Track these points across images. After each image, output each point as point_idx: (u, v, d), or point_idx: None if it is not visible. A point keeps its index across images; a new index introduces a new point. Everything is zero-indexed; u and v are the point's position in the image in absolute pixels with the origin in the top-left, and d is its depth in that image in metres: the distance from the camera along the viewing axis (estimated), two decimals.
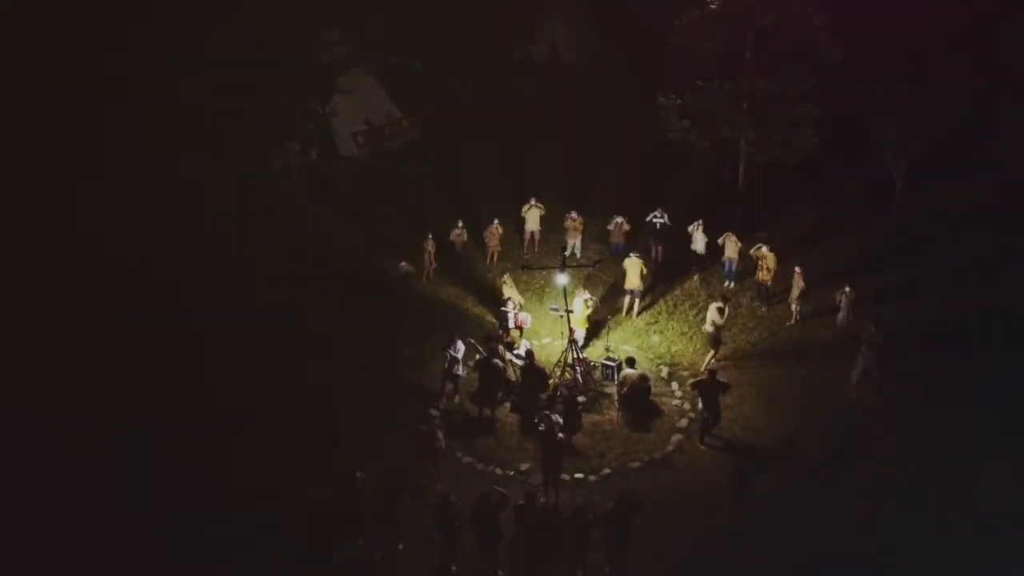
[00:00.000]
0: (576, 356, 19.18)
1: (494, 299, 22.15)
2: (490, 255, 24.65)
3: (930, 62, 24.39)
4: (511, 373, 18.85)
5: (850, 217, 25.61)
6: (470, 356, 18.99)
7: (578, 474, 16.83)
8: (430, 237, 23.79)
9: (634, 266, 21.70)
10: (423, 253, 23.72)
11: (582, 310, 20.26)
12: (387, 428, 17.76)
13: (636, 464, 17.20)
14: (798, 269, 21.20)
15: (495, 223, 24.46)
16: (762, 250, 21.96)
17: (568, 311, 18.95)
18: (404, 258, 23.74)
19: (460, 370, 18.85)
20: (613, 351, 20.04)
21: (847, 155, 26.93)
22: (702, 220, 23.55)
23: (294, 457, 16.78)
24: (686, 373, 19.93)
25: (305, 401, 18.44)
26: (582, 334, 20.29)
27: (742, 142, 26.63)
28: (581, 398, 18.40)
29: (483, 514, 14.20)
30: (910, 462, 16.65)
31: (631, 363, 18.61)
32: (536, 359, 18.80)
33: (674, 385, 19.56)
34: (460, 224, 24.69)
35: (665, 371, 20.13)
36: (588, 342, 20.74)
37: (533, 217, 24.75)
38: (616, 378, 18.94)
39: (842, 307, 20.52)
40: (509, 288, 21.24)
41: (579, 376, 19.05)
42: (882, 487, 16.18)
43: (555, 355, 19.82)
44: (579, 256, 24.36)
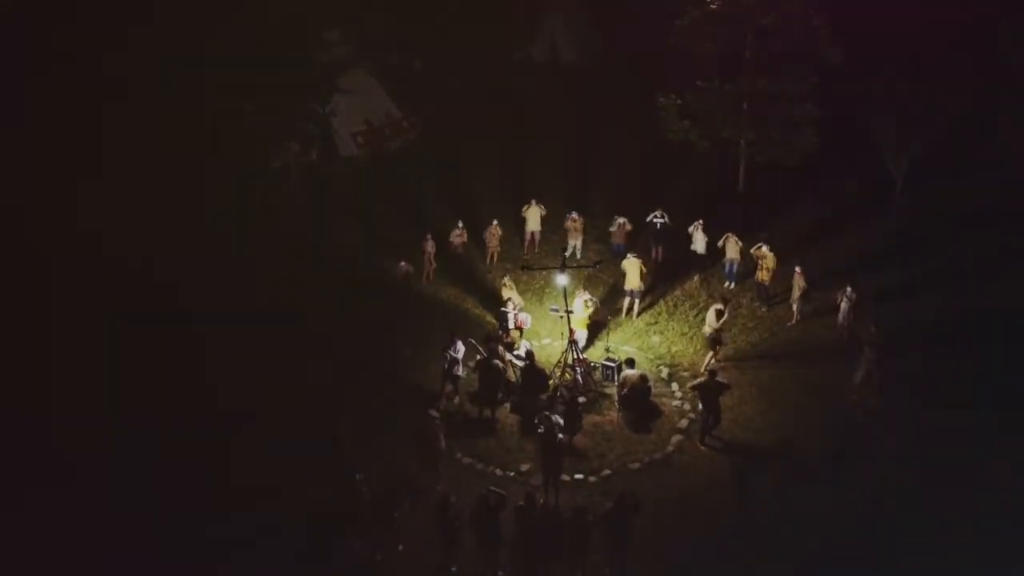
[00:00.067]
0: (576, 357, 19.18)
1: (494, 300, 22.14)
2: (490, 255, 24.64)
3: (930, 62, 24.41)
4: (511, 374, 18.85)
5: (850, 217, 25.61)
6: (470, 357, 18.99)
7: (578, 475, 16.81)
8: (430, 237, 23.80)
9: (633, 267, 21.69)
10: (423, 253, 23.74)
11: (582, 311, 20.25)
12: (387, 428, 17.77)
13: (636, 465, 17.19)
14: (798, 269, 21.20)
15: (494, 223, 24.48)
16: (762, 250, 21.96)
17: (568, 312, 18.94)
18: (404, 258, 23.72)
19: (460, 371, 18.84)
20: (613, 352, 20.02)
21: (847, 155, 26.92)
22: (702, 220, 23.57)
23: (294, 457, 16.75)
24: (686, 374, 19.92)
25: (305, 401, 18.44)
26: (583, 335, 20.28)
27: (742, 142, 26.64)
28: (581, 399, 18.40)
29: (483, 515, 14.20)
30: (910, 462, 16.63)
31: (631, 364, 18.59)
32: (536, 360, 18.78)
33: (674, 386, 19.55)
34: (460, 224, 24.70)
35: (665, 372, 20.12)
36: (589, 343, 20.72)
37: (534, 217, 24.74)
38: (616, 379, 18.93)
39: (843, 307, 20.52)
40: (509, 290, 21.24)
41: (579, 377, 19.04)
42: (882, 487, 16.16)
43: (555, 356, 19.81)
44: (580, 257, 24.35)
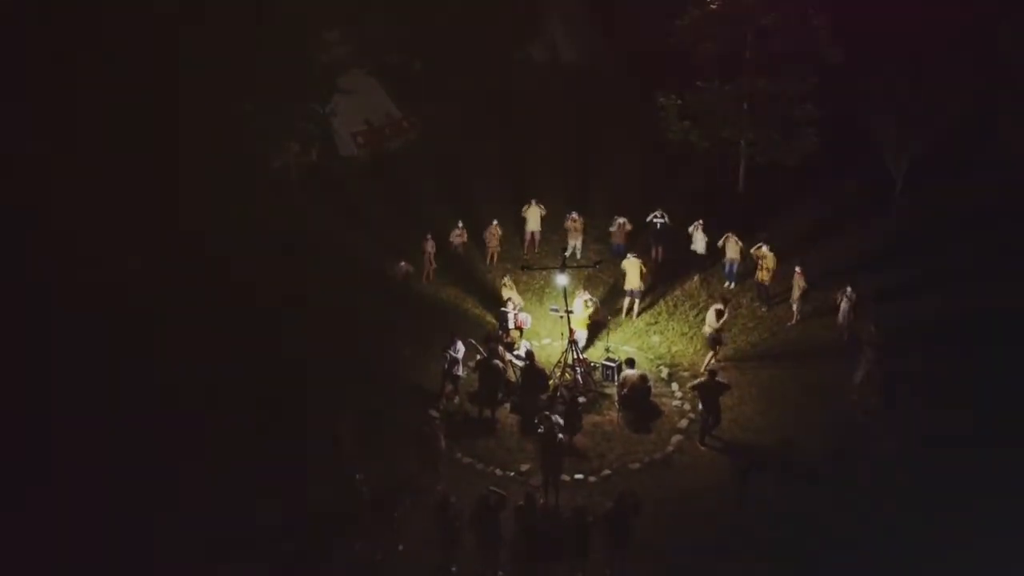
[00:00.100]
0: (576, 357, 19.17)
1: (494, 300, 22.13)
2: (490, 255, 24.64)
3: (930, 62, 24.39)
4: (511, 374, 18.85)
5: (850, 217, 25.59)
6: (470, 357, 18.98)
7: (578, 475, 16.81)
8: (430, 237, 23.81)
9: (633, 267, 21.68)
10: (423, 253, 23.74)
11: (582, 311, 20.25)
12: (387, 428, 17.78)
13: (636, 465, 17.19)
14: (798, 269, 21.20)
15: (494, 223, 24.47)
16: (762, 249, 21.96)
17: (568, 312, 18.94)
18: (404, 258, 23.72)
19: (460, 371, 18.84)
20: (613, 352, 20.02)
21: (847, 155, 26.90)
22: (702, 220, 23.56)
23: (294, 457, 16.78)
24: (686, 374, 19.92)
25: (305, 401, 18.43)
26: (583, 335, 20.28)
27: (742, 142, 26.62)
28: (581, 399, 18.39)
29: (483, 515, 14.20)
30: (910, 462, 16.63)
31: (631, 364, 18.59)
32: (536, 360, 18.78)
33: (674, 386, 19.55)
34: (460, 224, 24.70)
35: (665, 372, 20.12)
36: (589, 343, 20.71)
37: (534, 217, 24.74)
38: (616, 379, 18.93)
39: (842, 307, 20.51)
40: (509, 290, 21.23)
41: (579, 377, 19.04)
42: (882, 487, 16.17)
43: (555, 356, 19.81)
44: (580, 257, 24.34)
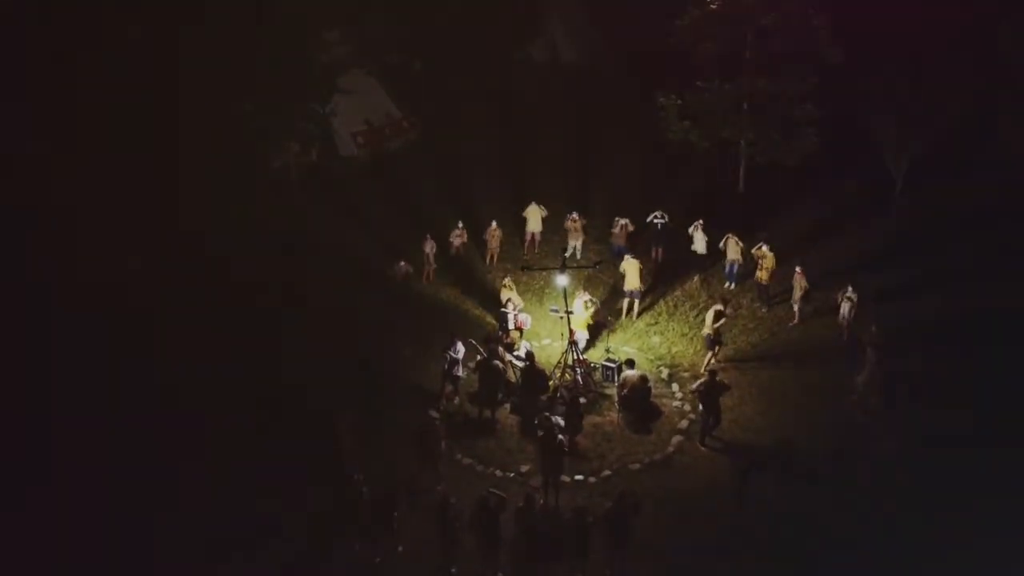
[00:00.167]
0: (576, 357, 19.16)
1: (494, 300, 22.12)
2: (490, 256, 24.63)
3: (930, 62, 24.39)
4: (511, 375, 18.85)
5: (850, 217, 25.59)
6: (470, 357, 18.98)
7: (578, 476, 16.81)
8: (430, 237, 23.80)
9: (633, 267, 21.67)
10: (423, 253, 23.73)
11: (583, 312, 20.23)
12: (387, 428, 17.78)
13: (636, 466, 17.18)
14: (799, 269, 21.20)
15: (493, 224, 24.47)
16: (763, 249, 21.95)
17: (568, 312, 18.93)
18: (404, 258, 23.72)
19: (460, 371, 18.83)
20: (613, 352, 20.01)
21: (847, 155, 26.89)
22: (702, 220, 23.56)
23: (294, 457, 16.78)
24: (686, 374, 19.92)
25: (304, 400, 18.43)
26: (583, 336, 20.26)
27: (742, 142, 26.61)
28: (581, 399, 18.38)
29: (483, 516, 14.19)
30: (910, 462, 16.64)
31: (631, 364, 18.59)
32: (536, 361, 18.77)
33: (674, 386, 19.54)
34: (460, 225, 24.69)
35: (665, 372, 20.11)
36: (589, 343, 20.67)
37: (534, 218, 24.73)
38: (616, 379, 18.93)
39: (843, 307, 20.50)
40: (509, 290, 21.22)
41: (579, 378, 19.03)
42: (882, 487, 16.18)
43: (555, 356, 19.80)
44: (580, 257, 24.31)
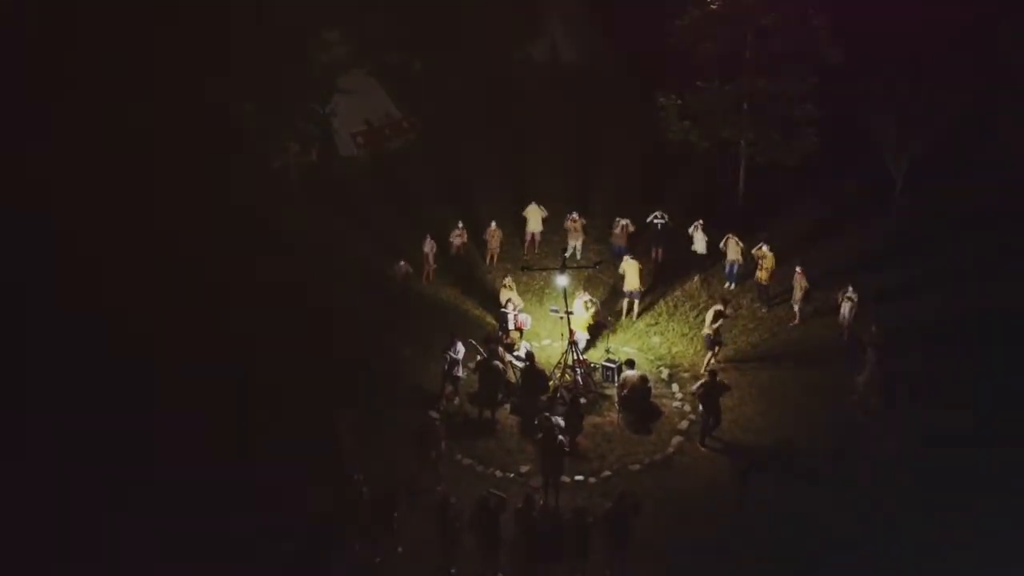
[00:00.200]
0: (576, 358, 19.16)
1: (494, 300, 22.11)
2: (490, 256, 24.63)
3: (930, 62, 24.37)
4: (511, 375, 18.84)
5: (850, 217, 25.60)
6: (470, 358, 18.97)
7: (578, 476, 16.82)
8: (430, 238, 23.80)
9: (632, 268, 21.66)
10: (423, 253, 23.73)
11: (583, 312, 20.22)
12: (387, 428, 17.78)
13: (636, 466, 17.19)
14: (799, 269, 21.19)
15: (493, 224, 24.45)
16: (763, 249, 21.95)
17: (568, 313, 18.93)
18: (404, 258, 23.72)
19: (460, 372, 18.83)
20: (613, 353, 20.00)
21: (847, 155, 26.88)
22: (702, 220, 23.55)
23: (294, 457, 16.78)
24: (687, 375, 19.92)
25: (304, 400, 18.44)
26: (583, 336, 20.25)
27: (742, 142, 26.57)
28: (582, 400, 18.38)
29: (483, 516, 14.19)
30: (910, 462, 16.64)
31: (631, 365, 18.59)
32: (536, 361, 18.77)
33: (675, 387, 19.54)
34: (460, 225, 24.69)
35: (665, 373, 20.11)
36: (589, 344, 20.66)
37: (534, 218, 24.72)
38: (616, 380, 18.93)
39: (843, 307, 20.50)
40: (509, 290, 21.21)
41: (579, 378, 19.03)
42: (882, 487, 16.18)
43: (555, 357, 19.79)
44: (580, 257, 24.30)
